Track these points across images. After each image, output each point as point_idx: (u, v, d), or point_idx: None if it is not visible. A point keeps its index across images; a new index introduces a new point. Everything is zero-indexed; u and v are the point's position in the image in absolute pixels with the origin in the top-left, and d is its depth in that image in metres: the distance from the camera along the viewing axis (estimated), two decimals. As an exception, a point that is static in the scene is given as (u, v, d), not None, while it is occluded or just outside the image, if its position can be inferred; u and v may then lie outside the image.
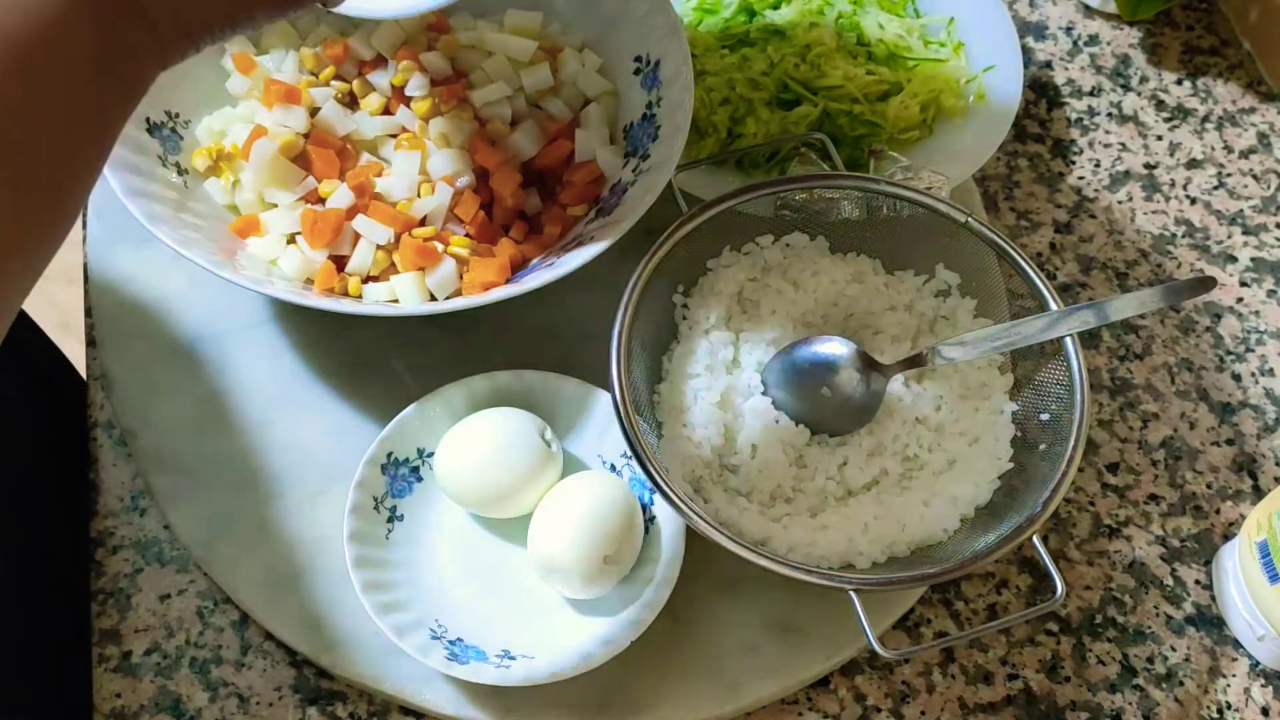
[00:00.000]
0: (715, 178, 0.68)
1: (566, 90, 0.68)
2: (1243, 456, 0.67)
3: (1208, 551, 0.64)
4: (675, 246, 0.60)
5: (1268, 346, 0.71)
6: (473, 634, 0.56)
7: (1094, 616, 0.62)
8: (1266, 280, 0.74)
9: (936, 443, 0.61)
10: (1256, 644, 0.60)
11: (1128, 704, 0.60)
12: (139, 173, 0.61)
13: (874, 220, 0.64)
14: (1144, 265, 0.74)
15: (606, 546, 0.55)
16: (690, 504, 0.53)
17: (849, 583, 0.53)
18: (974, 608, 0.62)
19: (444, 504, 0.60)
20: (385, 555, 0.58)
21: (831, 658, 0.58)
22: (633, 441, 0.55)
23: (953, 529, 0.57)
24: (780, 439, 0.59)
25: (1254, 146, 0.80)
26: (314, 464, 0.62)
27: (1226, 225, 0.76)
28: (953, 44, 0.75)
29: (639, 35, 0.67)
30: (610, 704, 0.56)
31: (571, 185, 0.65)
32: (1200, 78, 0.83)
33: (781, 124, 0.69)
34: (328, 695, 0.58)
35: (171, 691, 0.57)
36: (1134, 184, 0.78)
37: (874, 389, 0.60)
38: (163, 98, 0.65)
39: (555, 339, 0.65)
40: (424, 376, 0.62)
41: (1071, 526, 0.64)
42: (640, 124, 0.66)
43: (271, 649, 0.59)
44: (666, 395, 0.60)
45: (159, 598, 0.59)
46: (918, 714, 0.59)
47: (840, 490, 0.59)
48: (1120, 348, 0.71)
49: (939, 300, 0.64)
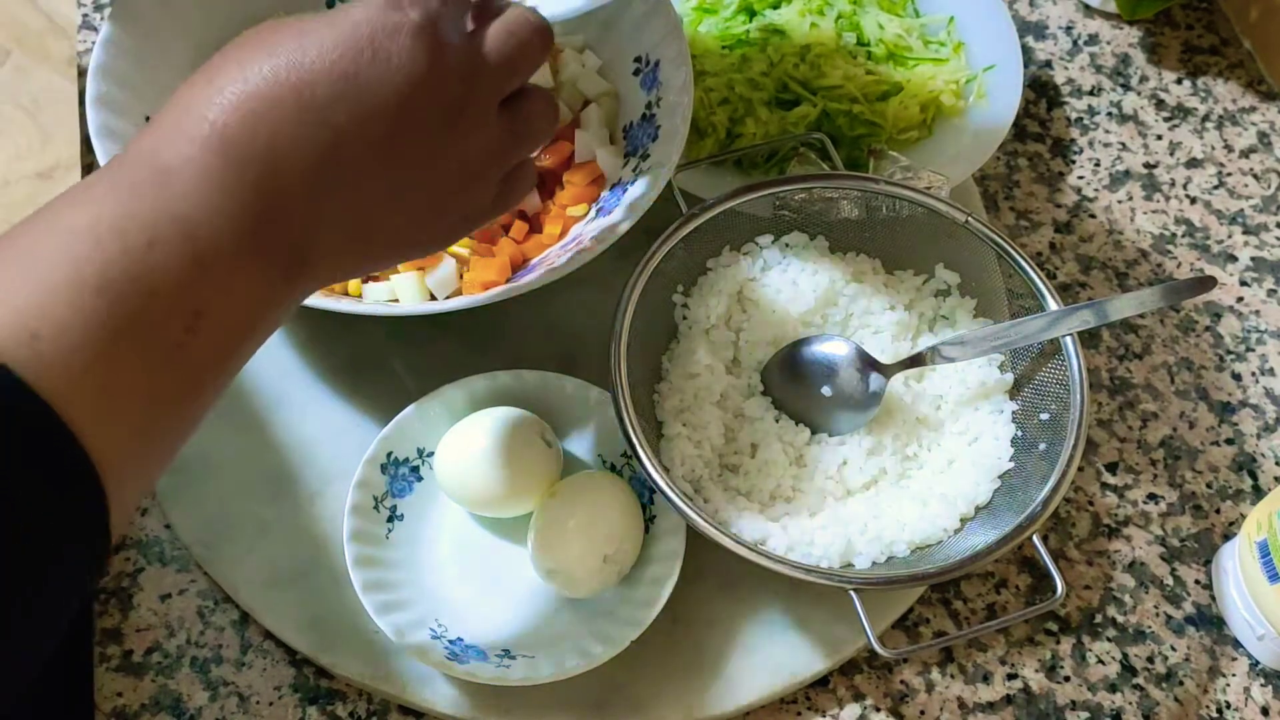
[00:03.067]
0: (715, 178, 0.68)
1: (566, 91, 0.68)
2: (1243, 456, 0.67)
3: (1208, 551, 0.64)
4: (675, 246, 0.60)
5: (1268, 346, 0.71)
6: (473, 634, 0.56)
7: (1093, 616, 0.62)
8: (1266, 280, 0.74)
9: (936, 442, 0.61)
10: (1256, 644, 0.60)
11: (1127, 704, 0.60)
12: (139, 173, 0.61)
13: (873, 220, 0.64)
14: (1144, 265, 0.74)
15: (606, 546, 0.55)
16: (690, 504, 0.53)
17: (849, 582, 0.53)
18: (973, 607, 0.62)
19: (444, 504, 0.60)
20: (385, 555, 0.58)
21: (831, 657, 0.58)
22: (633, 441, 0.55)
23: (952, 529, 0.57)
24: (780, 439, 0.59)
25: (1254, 146, 0.80)
26: (314, 464, 0.62)
27: (1226, 225, 0.76)
28: (953, 44, 0.75)
29: (639, 36, 0.67)
30: (610, 704, 0.56)
31: (571, 185, 0.65)
32: (1200, 77, 0.83)
33: (781, 124, 0.69)
34: (328, 695, 0.58)
35: (172, 691, 0.57)
36: (1134, 183, 0.78)
37: (874, 389, 0.60)
38: (163, 97, 0.65)
39: (555, 339, 0.65)
40: (424, 376, 0.62)
41: (1071, 526, 0.64)
42: (640, 124, 0.66)
43: (271, 648, 0.59)
44: (666, 395, 0.60)
45: (160, 597, 0.60)
46: (917, 714, 0.59)
47: (840, 490, 0.59)
48: (1120, 347, 0.71)
49: (939, 300, 0.64)
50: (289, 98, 0.39)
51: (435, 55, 0.42)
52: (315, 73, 0.40)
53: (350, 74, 0.40)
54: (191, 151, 0.38)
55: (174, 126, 0.39)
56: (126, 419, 0.36)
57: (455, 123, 0.43)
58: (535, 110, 0.47)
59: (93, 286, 0.35)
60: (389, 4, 0.42)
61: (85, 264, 0.35)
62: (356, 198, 0.42)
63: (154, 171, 0.38)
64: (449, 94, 0.42)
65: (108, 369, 0.35)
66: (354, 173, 0.41)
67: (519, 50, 0.45)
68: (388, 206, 0.43)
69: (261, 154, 0.39)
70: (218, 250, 0.38)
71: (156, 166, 0.38)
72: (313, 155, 0.40)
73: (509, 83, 0.45)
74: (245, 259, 0.39)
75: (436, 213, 0.45)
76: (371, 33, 0.41)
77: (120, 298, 0.35)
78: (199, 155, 0.38)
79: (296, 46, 0.40)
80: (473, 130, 0.44)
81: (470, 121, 0.44)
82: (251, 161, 0.39)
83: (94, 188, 0.38)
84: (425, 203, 0.44)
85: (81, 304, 0.34)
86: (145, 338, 0.36)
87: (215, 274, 0.38)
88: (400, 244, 0.46)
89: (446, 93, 0.42)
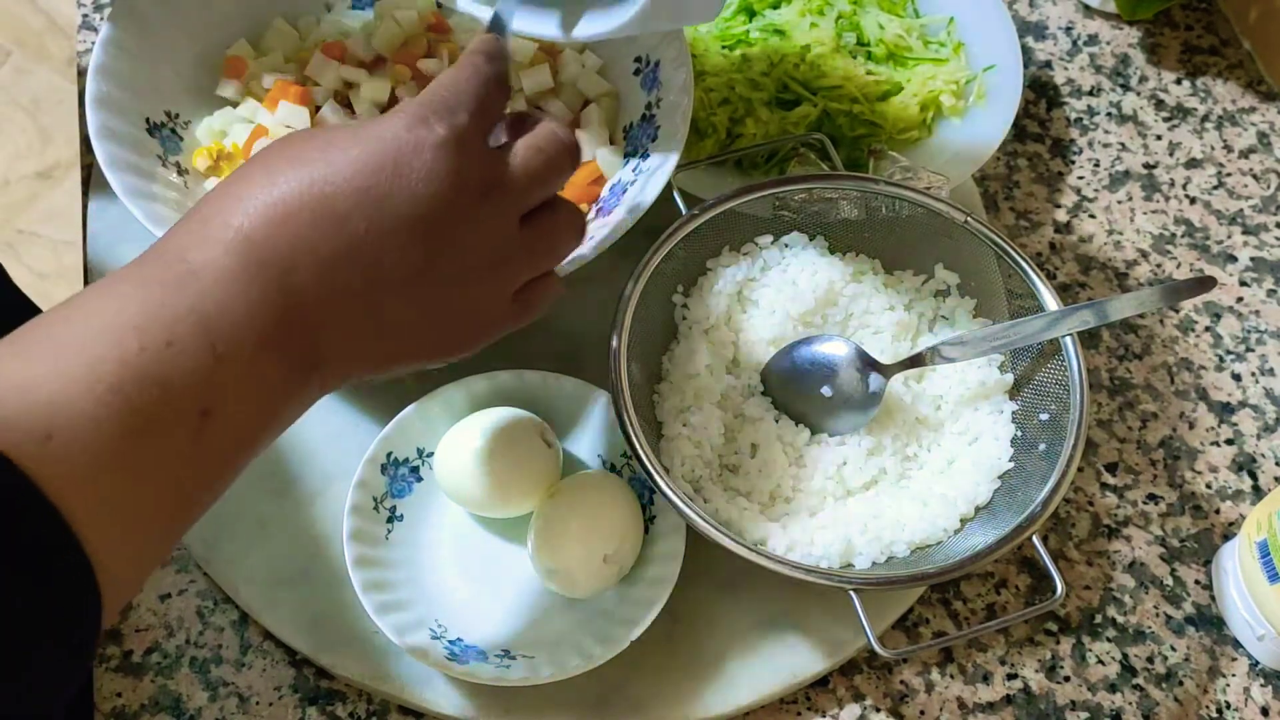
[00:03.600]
0: (715, 178, 0.68)
1: (566, 91, 0.68)
2: (1242, 456, 0.67)
3: (1207, 551, 0.64)
4: (675, 246, 0.60)
5: (1268, 346, 0.71)
6: (473, 634, 0.56)
7: (1093, 616, 0.62)
8: (1266, 280, 0.74)
9: (936, 442, 0.61)
10: (1256, 644, 0.60)
11: (1127, 704, 0.60)
12: (139, 173, 0.61)
13: (873, 220, 0.64)
14: (1144, 265, 0.74)
15: (606, 546, 0.55)
16: (690, 504, 0.53)
17: (848, 582, 0.53)
18: (973, 607, 0.62)
19: (444, 504, 0.60)
20: (385, 555, 0.58)
21: (831, 657, 0.58)
22: (633, 441, 0.55)
23: (952, 529, 0.57)
24: (780, 439, 0.59)
25: (1254, 146, 0.80)
26: (314, 464, 0.62)
27: (1226, 225, 0.76)
28: (953, 44, 0.75)
29: (639, 36, 0.67)
30: (610, 703, 0.56)
31: (571, 185, 0.65)
32: (1200, 77, 0.83)
33: (781, 124, 0.69)
34: (328, 695, 0.58)
35: (171, 691, 0.57)
36: (1134, 184, 0.78)
37: (874, 389, 0.60)
38: (163, 98, 0.65)
39: (555, 339, 0.65)
40: (424, 377, 0.62)
41: (1071, 526, 0.65)
42: (640, 124, 0.66)
43: (271, 649, 0.59)
44: (666, 395, 0.60)
45: (159, 597, 0.60)
46: (917, 714, 0.59)
47: (840, 490, 0.59)
48: (1119, 347, 0.71)
49: (938, 300, 0.64)
50: (311, 208, 0.41)
51: (458, 172, 0.43)
52: (337, 185, 0.41)
53: (371, 188, 0.41)
54: (216, 254, 0.40)
55: (201, 228, 0.41)
56: (132, 522, 0.37)
57: (474, 233, 0.44)
58: (559, 224, 0.48)
59: (108, 384, 0.36)
60: (416, 120, 0.43)
61: (103, 362, 0.36)
62: (371, 304, 0.43)
63: (180, 272, 0.39)
64: (469, 208, 0.43)
65: (117, 471, 0.36)
66: (368, 280, 0.42)
67: (546, 166, 0.46)
68: (402, 313, 0.44)
69: (281, 259, 0.40)
70: (234, 347, 0.39)
71: (182, 267, 0.39)
72: (329, 261, 0.41)
73: (531, 197, 0.46)
74: (260, 357, 0.40)
75: (450, 321, 0.46)
76: (397, 149, 0.42)
77: (135, 396, 0.36)
78: (222, 258, 0.40)
79: (322, 159, 0.42)
80: (489, 240, 0.45)
81: (488, 232, 0.44)
82: (270, 265, 0.40)
83: (122, 283, 0.39)
84: (439, 310, 0.45)
85: (96, 402, 0.35)
86: (157, 436, 0.37)
87: (231, 370, 0.39)
88: (413, 350, 0.46)
89: (467, 206, 0.43)
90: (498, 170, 0.45)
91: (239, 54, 0.68)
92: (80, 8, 0.80)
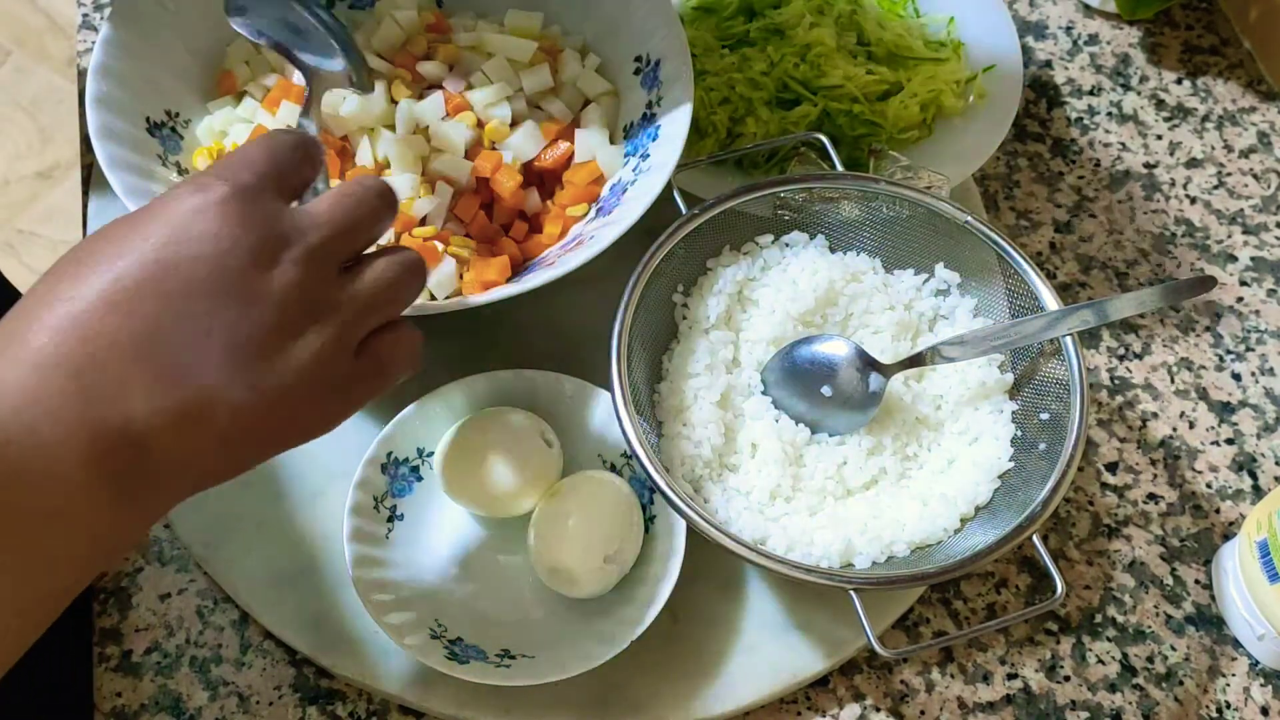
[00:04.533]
0: (715, 178, 0.68)
1: (567, 91, 0.68)
2: (1242, 456, 0.67)
3: (1207, 551, 0.64)
4: (675, 246, 0.60)
5: (1268, 346, 0.71)
6: (473, 634, 0.56)
7: (1093, 616, 0.62)
8: (1266, 280, 0.74)
9: (936, 442, 0.61)
10: (1256, 644, 0.60)
11: (1127, 703, 0.60)
12: (139, 173, 0.61)
13: (873, 220, 0.64)
14: (1144, 265, 0.74)
15: (606, 546, 0.55)
16: (690, 504, 0.53)
17: (848, 582, 0.53)
18: (973, 607, 0.62)
19: (444, 504, 0.60)
20: (385, 555, 0.58)
21: (831, 657, 0.58)
22: (633, 441, 0.55)
23: (952, 528, 0.57)
24: (780, 438, 0.59)
25: (1254, 146, 0.80)
26: (314, 464, 0.62)
27: (1226, 225, 0.76)
28: (953, 44, 0.75)
29: (639, 35, 0.67)
30: (610, 704, 0.56)
31: (571, 185, 0.65)
32: (1200, 77, 0.83)
33: (781, 124, 0.69)
34: (328, 695, 0.58)
35: (172, 690, 0.57)
36: (1134, 183, 0.78)
37: (874, 389, 0.60)
38: (163, 97, 0.65)
39: (555, 339, 0.65)
40: (424, 376, 0.62)
41: (1071, 526, 0.65)
42: (640, 124, 0.66)
43: (271, 648, 0.59)
44: (666, 395, 0.60)
45: (159, 597, 0.60)
46: (917, 714, 0.59)
47: (840, 489, 0.59)
48: (1120, 347, 0.71)
49: (938, 300, 0.64)
50: (106, 300, 0.40)
51: (242, 224, 0.42)
52: (128, 266, 0.40)
53: (160, 259, 0.41)
54: (21, 372, 0.39)
55: (7, 342, 0.40)
56: None
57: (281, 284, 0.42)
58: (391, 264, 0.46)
59: None
60: (197, 186, 0.42)
61: None
62: (183, 374, 0.41)
63: None
64: (265, 260, 0.42)
65: None
66: (173, 349, 0.40)
67: (356, 209, 0.45)
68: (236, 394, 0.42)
69: (80, 360, 0.39)
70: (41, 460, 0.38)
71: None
72: (127, 341, 0.40)
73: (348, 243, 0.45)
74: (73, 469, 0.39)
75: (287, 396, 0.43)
76: (180, 217, 0.41)
77: None
78: (28, 376, 0.39)
79: (116, 250, 0.41)
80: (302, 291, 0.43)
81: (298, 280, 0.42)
82: (63, 366, 0.39)
83: None
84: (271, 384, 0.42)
85: None
86: None
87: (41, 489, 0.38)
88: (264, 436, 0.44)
89: (261, 259, 0.42)
90: (298, 217, 0.43)
91: (237, 56, 0.68)
92: (80, 8, 0.80)
